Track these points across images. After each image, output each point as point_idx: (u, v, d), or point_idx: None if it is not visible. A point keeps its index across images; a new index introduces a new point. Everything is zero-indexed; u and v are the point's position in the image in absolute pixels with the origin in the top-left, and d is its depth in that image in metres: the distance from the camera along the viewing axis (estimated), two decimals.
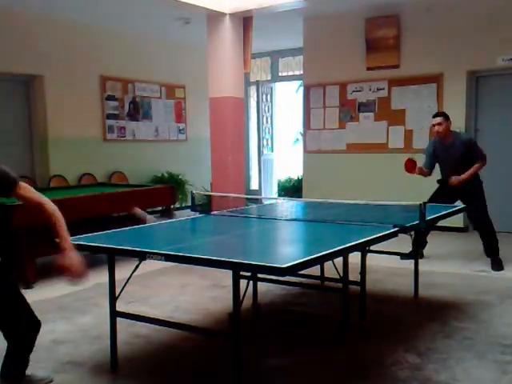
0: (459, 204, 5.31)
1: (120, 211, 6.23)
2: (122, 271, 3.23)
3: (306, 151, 8.52)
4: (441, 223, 4.32)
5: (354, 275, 3.47)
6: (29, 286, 4.86)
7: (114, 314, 3.12)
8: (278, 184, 10.98)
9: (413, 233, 4.31)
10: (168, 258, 2.63)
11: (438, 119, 5.39)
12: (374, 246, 3.30)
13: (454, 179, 5.42)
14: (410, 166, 5.42)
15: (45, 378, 2.90)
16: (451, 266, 5.45)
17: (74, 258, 2.53)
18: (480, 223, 5.53)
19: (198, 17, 7.44)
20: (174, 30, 8.65)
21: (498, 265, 5.38)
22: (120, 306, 3.15)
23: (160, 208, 9.11)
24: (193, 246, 3.05)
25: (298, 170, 9.90)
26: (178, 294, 4.68)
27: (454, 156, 5.41)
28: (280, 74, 10.72)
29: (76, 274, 2.51)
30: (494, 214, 7.10)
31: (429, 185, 6.40)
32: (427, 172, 5.61)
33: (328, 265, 3.47)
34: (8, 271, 2.68)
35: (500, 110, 7.16)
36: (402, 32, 7.50)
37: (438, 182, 5.71)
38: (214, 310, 4.17)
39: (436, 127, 5.40)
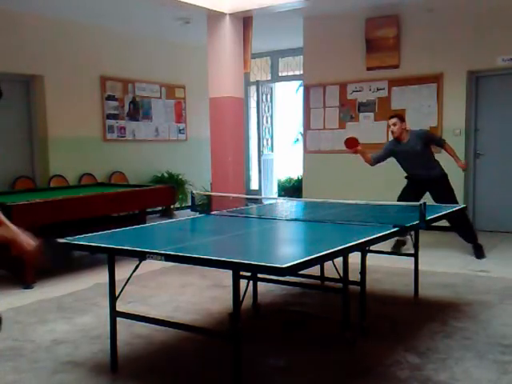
0: (460, 204, 5.44)
1: (120, 211, 6.24)
2: (122, 271, 3.23)
3: (305, 151, 8.52)
4: (441, 223, 4.32)
5: (354, 275, 3.47)
6: (29, 286, 4.86)
7: (114, 314, 3.12)
8: (278, 184, 10.98)
9: (413, 233, 4.33)
10: (168, 258, 2.63)
11: (393, 120, 5.79)
12: (373, 246, 3.30)
13: (463, 164, 5.89)
14: (351, 143, 5.71)
15: None
16: (451, 266, 5.46)
17: (24, 242, 2.23)
18: (456, 221, 5.70)
19: (198, 17, 7.44)
20: (174, 30, 8.65)
21: (480, 251, 5.80)
22: (120, 306, 3.15)
23: (160, 208, 9.14)
24: (193, 246, 3.05)
25: (298, 170, 9.90)
26: (177, 294, 4.68)
27: (415, 150, 5.74)
28: (280, 74, 10.72)
29: (33, 256, 2.25)
30: (494, 214, 7.14)
31: None
32: (371, 161, 5.92)
33: (328, 265, 3.47)
34: None
35: (500, 110, 7.16)
36: (401, 32, 7.50)
37: (406, 177, 6.01)
38: (214, 310, 4.17)
39: (391, 127, 5.80)
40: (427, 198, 5.17)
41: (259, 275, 3.87)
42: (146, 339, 3.57)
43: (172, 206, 8.99)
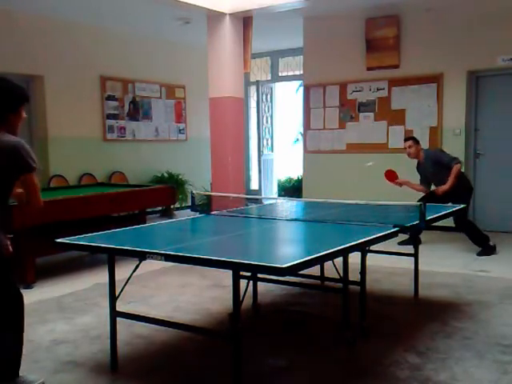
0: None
1: (120, 211, 6.24)
2: (122, 271, 3.23)
3: (305, 151, 8.52)
4: (441, 223, 4.31)
5: (354, 275, 3.47)
6: (29, 286, 4.86)
7: (114, 314, 3.12)
8: (278, 184, 10.98)
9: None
10: (168, 257, 2.63)
11: (409, 143, 6.13)
12: (373, 246, 3.30)
13: (439, 190, 5.97)
14: (390, 176, 6.19)
15: (36, 381, 2.85)
16: (451, 266, 5.46)
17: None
18: (458, 227, 6.01)
19: (198, 17, 7.44)
20: (174, 30, 8.65)
21: (485, 251, 5.88)
22: (120, 306, 3.15)
23: (160, 208, 9.14)
24: (193, 246, 3.06)
25: (298, 170, 9.90)
26: (177, 293, 4.68)
27: (428, 171, 6.09)
28: (280, 74, 10.72)
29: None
30: (494, 214, 7.14)
31: None
32: (421, 188, 6.22)
33: (328, 265, 3.47)
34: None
35: (500, 110, 7.16)
36: (401, 32, 7.50)
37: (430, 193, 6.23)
38: (214, 310, 4.17)
39: (407, 150, 6.14)
40: None
41: (259, 275, 3.87)
42: (146, 339, 3.57)
43: (172, 206, 8.99)
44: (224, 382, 2.92)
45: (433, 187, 6.22)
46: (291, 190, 10.12)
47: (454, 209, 4.53)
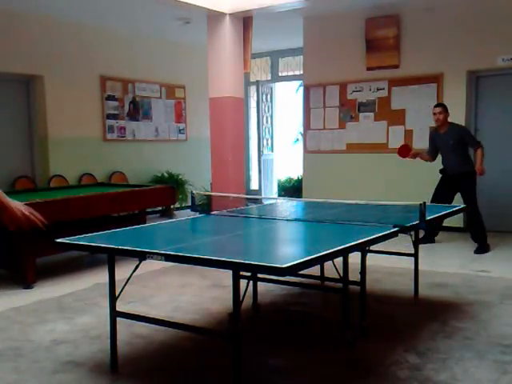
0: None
1: (120, 211, 6.24)
2: (122, 271, 3.23)
3: (305, 151, 8.52)
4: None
5: (354, 275, 3.47)
6: (29, 286, 4.86)
7: (114, 314, 3.12)
8: (278, 184, 10.98)
9: (413, 232, 4.32)
10: (168, 257, 2.63)
11: (439, 109, 6.14)
12: (373, 245, 3.30)
13: (480, 170, 5.98)
14: (404, 150, 6.25)
15: None
16: (451, 266, 5.45)
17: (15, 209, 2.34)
18: (469, 214, 6.11)
19: (198, 17, 7.44)
20: (174, 30, 8.65)
21: (480, 249, 6.03)
22: (120, 306, 3.15)
23: (160, 208, 9.14)
24: (193, 246, 3.05)
25: (298, 170, 9.89)
26: (177, 293, 4.68)
27: (448, 143, 6.09)
28: (280, 74, 10.72)
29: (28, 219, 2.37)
30: (494, 214, 7.13)
31: (428, 185, 6.42)
32: (429, 157, 6.32)
33: (328, 265, 3.47)
34: None
35: (500, 109, 7.16)
36: (401, 32, 7.49)
37: (440, 171, 6.30)
38: (214, 310, 4.17)
39: (436, 115, 6.13)
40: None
41: (259, 275, 3.86)
42: (146, 339, 3.57)
43: (172, 206, 8.99)
44: (224, 382, 2.92)
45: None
46: (291, 189, 10.12)
47: (454, 209, 4.53)
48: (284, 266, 2.31)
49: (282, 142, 13.37)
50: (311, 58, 8.31)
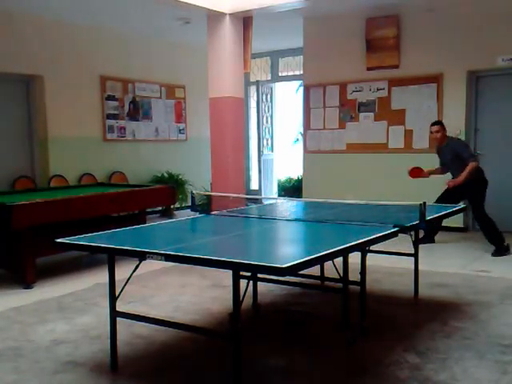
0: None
1: (120, 211, 6.24)
2: (122, 271, 3.23)
3: (306, 151, 8.52)
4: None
5: (354, 275, 3.47)
6: (29, 286, 4.86)
7: (114, 314, 3.12)
8: (278, 184, 10.98)
9: (413, 232, 4.32)
10: (168, 257, 2.63)
11: (436, 128, 6.16)
12: (373, 245, 3.30)
13: (450, 182, 6.06)
14: (415, 173, 6.26)
15: None
16: (451, 266, 5.46)
17: None
18: (476, 221, 6.24)
19: (198, 17, 7.44)
20: (174, 30, 8.65)
21: (498, 252, 5.92)
22: (120, 306, 3.15)
23: (160, 208, 9.14)
24: (193, 246, 3.05)
25: (298, 170, 9.90)
26: (177, 293, 4.68)
27: (447, 158, 6.15)
28: (280, 74, 10.72)
29: None
30: (494, 214, 7.11)
31: (428, 185, 6.43)
32: (441, 171, 6.36)
33: (328, 265, 3.47)
34: None
35: (500, 110, 7.16)
36: (401, 32, 7.50)
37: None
38: (214, 310, 4.17)
39: (434, 134, 6.18)
40: None
41: (259, 275, 3.86)
42: (146, 339, 3.57)
43: (172, 206, 8.99)
44: (224, 382, 2.92)
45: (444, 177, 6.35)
46: (291, 189, 10.12)
47: (454, 209, 4.53)
48: (284, 266, 2.31)
49: (281, 142, 13.37)
50: (311, 58, 8.31)
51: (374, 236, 3.11)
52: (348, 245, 2.87)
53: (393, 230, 3.31)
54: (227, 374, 2.78)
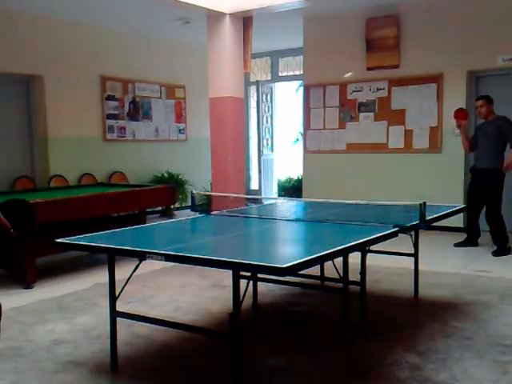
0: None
1: (120, 211, 6.24)
2: (122, 271, 3.23)
3: (306, 151, 8.52)
4: (441, 223, 4.31)
5: (354, 275, 3.47)
6: (29, 286, 4.86)
7: (114, 314, 3.12)
8: (278, 184, 10.98)
9: (413, 233, 4.32)
10: (168, 258, 2.63)
11: (480, 102, 6.06)
12: (374, 245, 3.30)
13: (507, 166, 5.81)
14: (460, 115, 6.14)
15: None
16: (451, 266, 5.46)
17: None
18: (487, 220, 6.04)
19: (198, 17, 7.44)
20: (174, 30, 8.65)
21: (501, 252, 5.88)
22: (120, 306, 3.15)
23: (160, 208, 9.14)
24: (193, 246, 3.06)
25: (298, 170, 9.90)
26: (177, 293, 4.68)
27: (487, 131, 5.98)
28: (280, 74, 10.72)
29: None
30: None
31: (429, 185, 6.42)
32: (468, 144, 6.20)
33: (328, 265, 3.47)
34: None
35: (500, 110, 7.13)
36: (401, 32, 7.50)
37: (470, 170, 6.28)
38: (214, 310, 4.17)
39: (478, 109, 6.06)
40: None
41: (259, 275, 3.86)
42: (146, 339, 3.57)
43: (172, 206, 8.99)
44: (224, 382, 2.92)
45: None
46: (291, 190, 10.12)
47: (454, 209, 4.52)
48: (284, 266, 2.31)
49: (281, 141, 13.36)
50: (311, 58, 8.31)
51: (373, 236, 3.11)
52: (348, 245, 2.87)
53: (393, 230, 3.31)
54: (227, 374, 2.78)
